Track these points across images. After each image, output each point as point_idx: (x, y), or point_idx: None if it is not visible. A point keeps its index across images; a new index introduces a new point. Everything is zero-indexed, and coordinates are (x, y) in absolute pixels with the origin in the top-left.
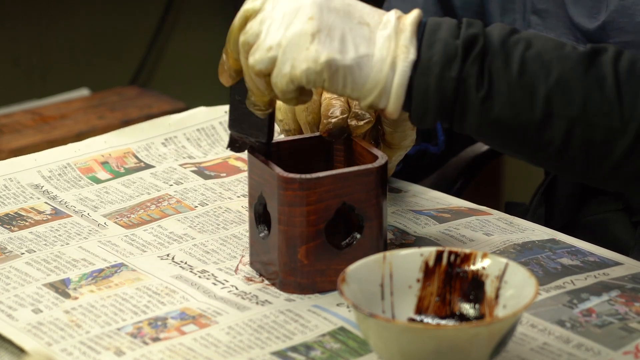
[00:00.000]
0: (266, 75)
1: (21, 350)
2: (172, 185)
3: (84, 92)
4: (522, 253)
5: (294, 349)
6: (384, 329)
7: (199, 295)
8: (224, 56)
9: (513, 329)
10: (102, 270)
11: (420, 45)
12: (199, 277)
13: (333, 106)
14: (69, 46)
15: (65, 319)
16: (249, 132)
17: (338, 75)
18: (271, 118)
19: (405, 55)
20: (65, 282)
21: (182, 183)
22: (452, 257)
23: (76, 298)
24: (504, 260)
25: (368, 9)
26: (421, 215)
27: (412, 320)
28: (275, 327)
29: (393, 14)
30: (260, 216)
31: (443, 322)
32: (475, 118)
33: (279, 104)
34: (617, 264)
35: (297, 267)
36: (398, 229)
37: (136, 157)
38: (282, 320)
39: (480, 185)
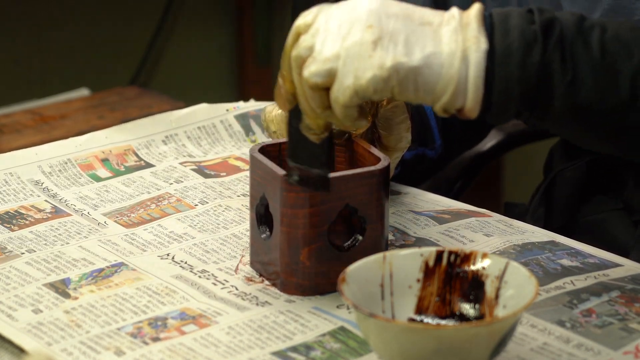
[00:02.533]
0: (322, 89)
1: (21, 350)
2: (172, 183)
3: (84, 92)
4: (522, 254)
5: (294, 349)
6: (384, 329)
7: (199, 295)
8: (280, 80)
9: (513, 329)
10: (102, 270)
11: (492, 34)
12: (199, 277)
13: None
14: (69, 46)
15: (65, 319)
16: (307, 162)
17: (407, 79)
18: (329, 145)
19: (477, 45)
20: (65, 282)
21: (182, 181)
22: (452, 257)
23: (76, 298)
24: (504, 260)
25: (427, 10)
26: (421, 216)
27: (412, 320)
28: (276, 327)
29: (455, 10)
30: (262, 217)
31: (443, 322)
32: (560, 104)
33: (272, 114)
34: (616, 265)
35: (298, 268)
36: (398, 230)
37: (136, 155)
38: (282, 321)
39: (480, 186)
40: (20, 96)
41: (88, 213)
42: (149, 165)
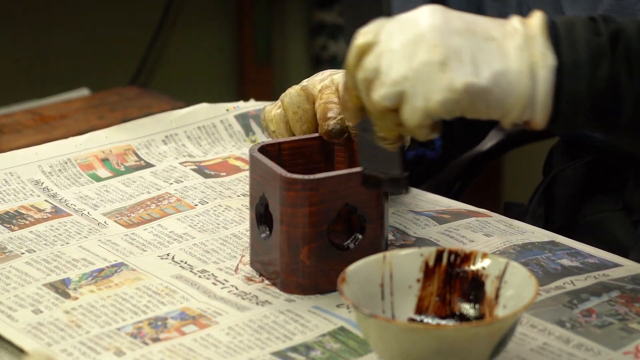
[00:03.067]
0: (393, 110)
1: (21, 351)
2: (172, 183)
3: (84, 92)
4: (522, 254)
5: (294, 349)
6: (384, 329)
7: (199, 295)
8: (345, 94)
9: (513, 329)
10: (102, 270)
11: (558, 48)
12: (199, 277)
13: (330, 109)
14: (69, 46)
15: (65, 319)
16: (381, 167)
17: (478, 98)
18: (402, 150)
19: (544, 61)
20: (65, 282)
21: (182, 181)
22: (452, 257)
23: (76, 298)
24: (504, 260)
25: (488, 21)
26: (421, 216)
27: (412, 320)
28: (275, 327)
29: (516, 21)
30: (262, 217)
31: (443, 322)
32: (629, 116)
33: (271, 114)
34: (616, 265)
35: (298, 267)
36: (398, 230)
37: (136, 155)
38: (282, 321)
39: (480, 186)
40: (20, 96)
41: (88, 213)
42: (149, 165)
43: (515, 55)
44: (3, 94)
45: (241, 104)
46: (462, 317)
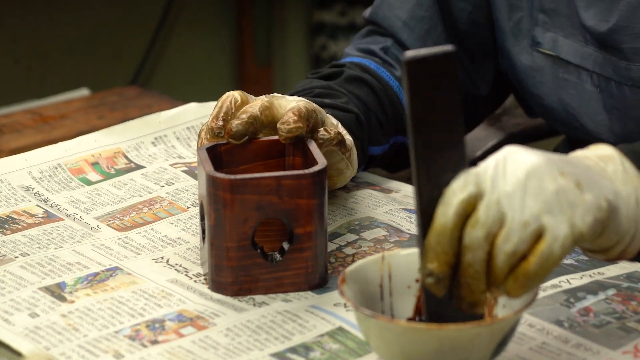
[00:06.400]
0: (520, 256)
1: (19, 355)
2: (163, 186)
3: (84, 92)
4: None
5: (293, 350)
6: (385, 330)
7: (195, 297)
8: (424, 266)
9: (514, 328)
10: (97, 274)
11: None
12: (195, 281)
13: (245, 112)
14: (69, 46)
15: (62, 323)
16: (455, 317)
17: (614, 216)
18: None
19: (638, 186)
20: (61, 285)
21: (173, 183)
22: None
23: (72, 302)
24: None
25: (572, 154)
26: (414, 214)
27: (411, 320)
28: (274, 327)
29: (591, 153)
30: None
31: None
32: None
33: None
34: (611, 263)
35: (224, 267)
36: (391, 227)
37: (126, 158)
38: (280, 320)
39: None
40: (20, 96)
41: (80, 217)
42: (139, 167)
43: (620, 179)
44: (3, 94)
45: None
46: None
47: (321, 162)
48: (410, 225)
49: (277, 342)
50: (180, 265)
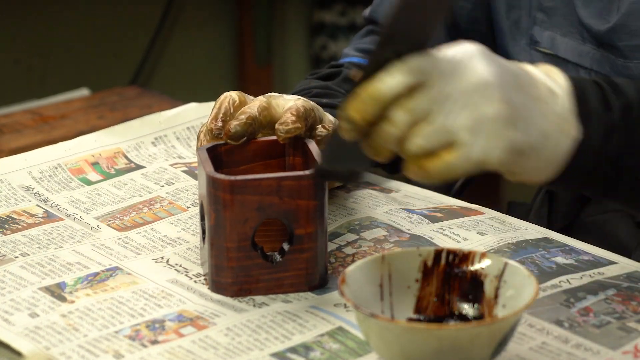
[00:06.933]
0: (429, 153)
1: (19, 355)
2: (163, 186)
3: (84, 92)
4: (517, 252)
5: (293, 350)
6: (385, 330)
7: (195, 298)
8: (348, 109)
9: (514, 328)
10: (97, 274)
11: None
12: (195, 281)
13: (244, 113)
14: (69, 46)
15: (62, 323)
16: (350, 164)
17: (524, 158)
18: None
19: (569, 131)
20: (61, 285)
21: (173, 183)
22: (451, 257)
23: (72, 302)
24: (503, 259)
25: (526, 75)
26: (414, 214)
27: (411, 320)
28: (274, 326)
29: (546, 79)
30: (202, 215)
31: (442, 322)
32: (627, 188)
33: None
34: (611, 262)
35: (224, 267)
36: (391, 227)
37: (126, 158)
38: (280, 320)
39: (481, 185)
40: (20, 96)
41: (80, 217)
42: (139, 167)
43: (553, 121)
44: (3, 94)
45: None
46: (461, 317)
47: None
48: (410, 225)
49: (277, 342)
50: (180, 266)
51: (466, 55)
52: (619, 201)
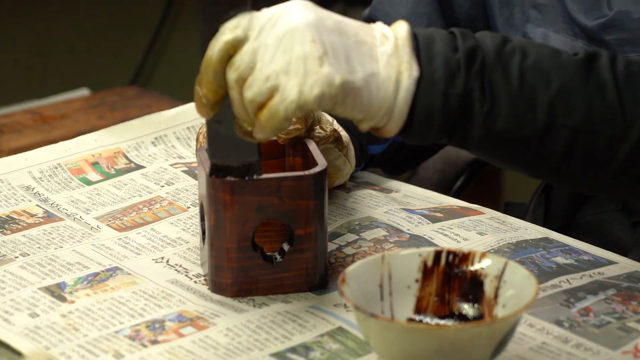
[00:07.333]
0: (259, 105)
1: (19, 354)
2: (163, 186)
3: (84, 92)
4: (517, 252)
5: (293, 350)
6: (385, 330)
7: (195, 298)
8: (197, 88)
9: (514, 328)
10: (97, 274)
11: (418, 60)
12: (195, 282)
13: None
14: (69, 46)
15: (62, 323)
16: (236, 156)
17: (349, 96)
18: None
19: (409, 72)
20: (61, 285)
21: (173, 183)
22: (451, 257)
23: (72, 302)
24: (502, 259)
25: (356, 24)
26: (414, 214)
27: (411, 320)
28: (274, 327)
29: (383, 27)
30: (202, 215)
31: (442, 322)
32: (478, 132)
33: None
34: (611, 262)
35: (225, 268)
36: (391, 227)
37: (126, 158)
38: (280, 320)
39: (480, 185)
40: (20, 96)
41: (80, 217)
42: (139, 167)
43: (385, 61)
44: (3, 94)
45: None
46: (461, 317)
47: (321, 163)
48: (410, 225)
49: (277, 342)
50: (180, 266)
51: (284, 8)
52: (475, 150)
